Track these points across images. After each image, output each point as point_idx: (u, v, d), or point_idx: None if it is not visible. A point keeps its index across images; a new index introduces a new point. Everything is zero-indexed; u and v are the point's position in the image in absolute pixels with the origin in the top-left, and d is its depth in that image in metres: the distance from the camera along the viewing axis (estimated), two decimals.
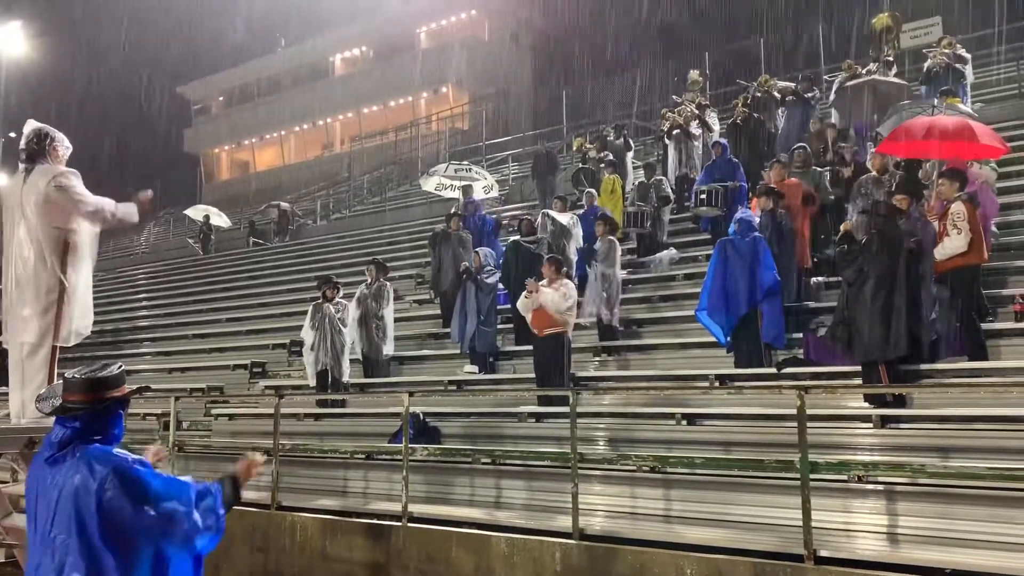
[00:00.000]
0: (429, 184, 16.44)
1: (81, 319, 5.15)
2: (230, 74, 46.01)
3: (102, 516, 2.87)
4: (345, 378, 10.54)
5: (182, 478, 3.16)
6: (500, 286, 10.88)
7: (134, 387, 3.24)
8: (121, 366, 3.19)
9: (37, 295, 4.93)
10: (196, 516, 3.00)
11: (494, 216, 14.19)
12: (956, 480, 5.34)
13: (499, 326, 10.89)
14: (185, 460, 9.75)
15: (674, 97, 16.92)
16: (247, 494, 8.46)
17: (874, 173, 9.44)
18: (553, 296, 8.83)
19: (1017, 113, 13.98)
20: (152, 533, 2.93)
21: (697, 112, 14.35)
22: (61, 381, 3.17)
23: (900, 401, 6.89)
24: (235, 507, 3.29)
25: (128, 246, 31.73)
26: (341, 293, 10.93)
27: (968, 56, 13.88)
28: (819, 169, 10.66)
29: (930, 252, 7.30)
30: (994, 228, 8.83)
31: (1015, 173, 10.79)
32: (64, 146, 5.16)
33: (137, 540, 2.92)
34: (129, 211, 5.21)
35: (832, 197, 10.30)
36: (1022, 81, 15.45)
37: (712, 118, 14.67)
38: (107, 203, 5.09)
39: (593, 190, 13.01)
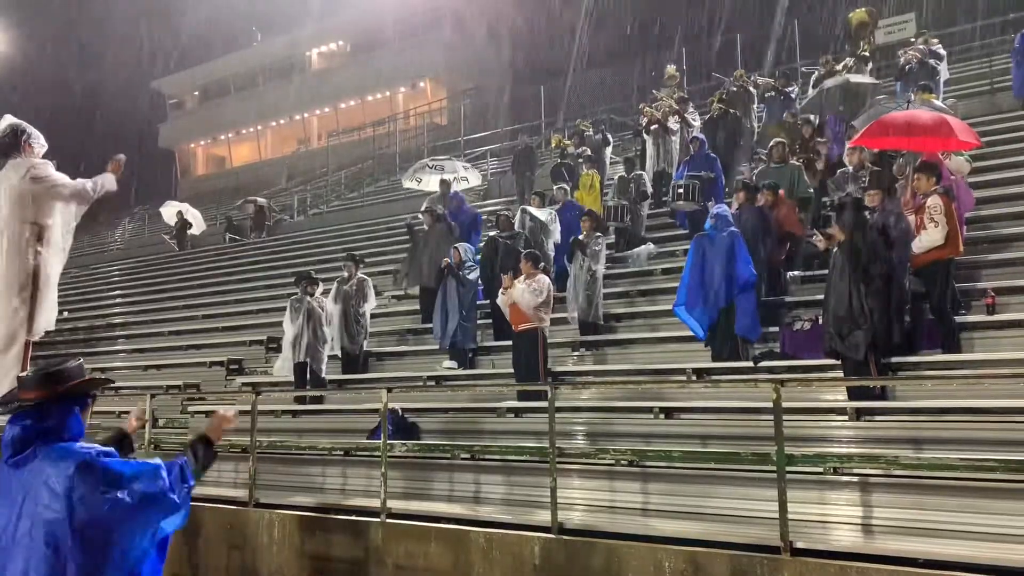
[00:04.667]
0: (406, 180, 16.44)
1: (49, 312, 5.10)
2: (205, 68, 45.57)
3: (73, 517, 2.79)
4: (323, 372, 10.53)
5: (148, 460, 3.10)
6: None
7: (90, 379, 3.14)
8: (81, 361, 3.11)
9: (10, 289, 4.86)
10: (171, 493, 2.99)
11: (479, 212, 14.19)
12: (929, 471, 5.39)
13: (478, 321, 10.89)
14: (162, 458, 9.65)
15: (653, 91, 16.98)
16: (224, 491, 8.42)
17: (850, 169, 9.50)
18: (523, 292, 8.85)
19: (989, 108, 14.15)
20: (133, 519, 2.87)
21: (677, 107, 14.40)
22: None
23: (884, 393, 6.96)
24: (213, 503, 3.27)
25: (103, 242, 31.39)
26: (321, 289, 10.92)
27: (943, 53, 14.04)
28: (796, 163, 10.73)
29: (905, 246, 7.38)
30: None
31: (987, 168, 10.91)
32: (39, 143, 5.10)
33: (112, 535, 2.84)
34: (107, 180, 5.23)
35: (811, 190, 10.38)
36: (994, 77, 15.65)
37: (692, 113, 14.72)
38: (84, 181, 5.10)
39: (565, 186, 13.02)
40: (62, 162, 5.25)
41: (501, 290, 9.29)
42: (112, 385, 4.05)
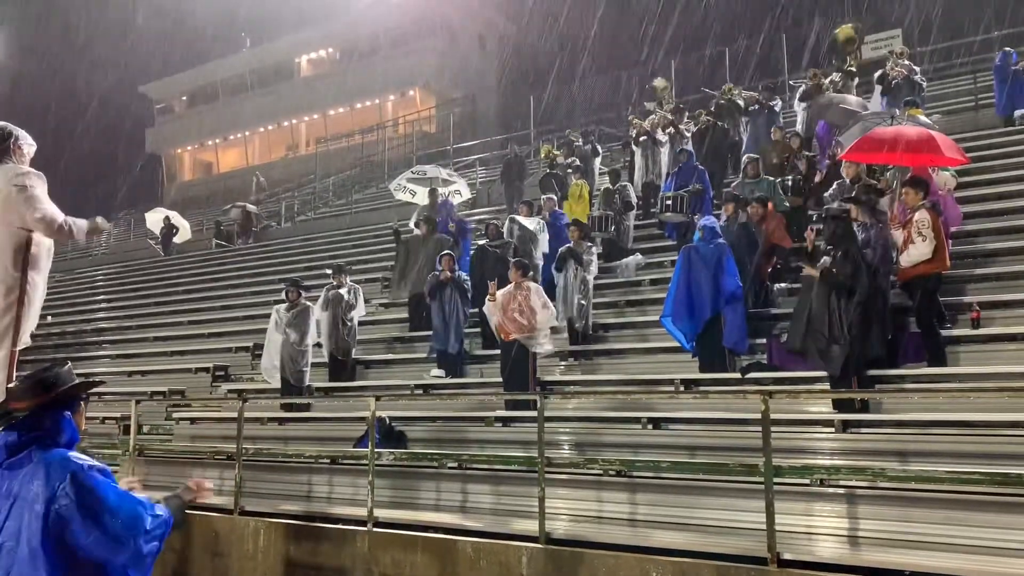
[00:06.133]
0: (397, 193, 16.40)
1: (34, 320, 5.04)
2: (194, 73, 45.45)
3: (49, 524, 2.79)
4: (304, 383, 10.45)
5: (140, 495, 3.04)
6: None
7: (80, 382, 3.12)
8: (69, 365, 3.10)
9: None
10: (141, 543, 2.90)
11: (470, 222, 14.19)
12: (915, 484, 5.43)
13: (466, 330, 10.88)
14: (146, 465, 9.59)
15: (646, 104, 17.05)
16: (210, 500, 8.34)
17: (847, 181, 9.56)
18: (546, 317, 8.95)
19: (973, 125, 14.30)
20: (93, 551, 2.84)
21: (672, 118, 14.47)
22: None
23: (864, 406, 7.00)
24: (198, 511, 3.20)
25: (87, 247, 31.11)
26: (304, 296, 10.86)
27: (917, 68, 14.20)
28: (770, 179, 10.83)
29: (888, 259, 7.43)
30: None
31: (971, 183, 11.02)
32: (28, 143, 5.04)
33: (78, 554, 2.82)
34: (79, 227, 5.03)
35: (787, 205, 10.47)
36: (978, 94, 15.81)
37: (687, 124, 14.80)
38: (58, 215, 4.93)
39: (553, 195, 13.05)
40: (48, 168, 5.16)
41: (488, 298, 9.30)
42: (100, 388, 4.02)
